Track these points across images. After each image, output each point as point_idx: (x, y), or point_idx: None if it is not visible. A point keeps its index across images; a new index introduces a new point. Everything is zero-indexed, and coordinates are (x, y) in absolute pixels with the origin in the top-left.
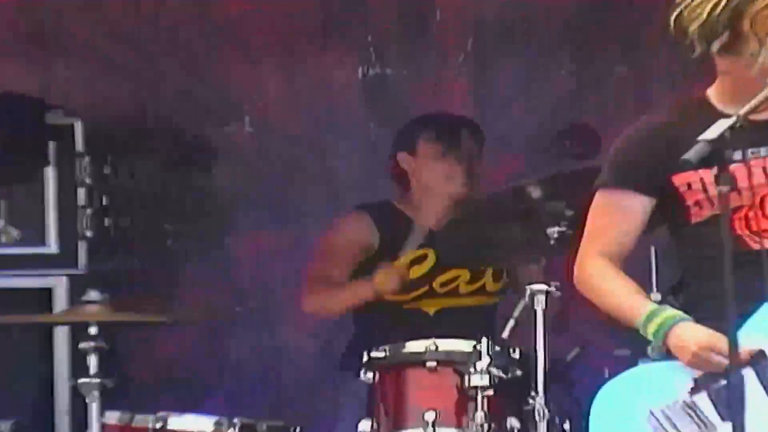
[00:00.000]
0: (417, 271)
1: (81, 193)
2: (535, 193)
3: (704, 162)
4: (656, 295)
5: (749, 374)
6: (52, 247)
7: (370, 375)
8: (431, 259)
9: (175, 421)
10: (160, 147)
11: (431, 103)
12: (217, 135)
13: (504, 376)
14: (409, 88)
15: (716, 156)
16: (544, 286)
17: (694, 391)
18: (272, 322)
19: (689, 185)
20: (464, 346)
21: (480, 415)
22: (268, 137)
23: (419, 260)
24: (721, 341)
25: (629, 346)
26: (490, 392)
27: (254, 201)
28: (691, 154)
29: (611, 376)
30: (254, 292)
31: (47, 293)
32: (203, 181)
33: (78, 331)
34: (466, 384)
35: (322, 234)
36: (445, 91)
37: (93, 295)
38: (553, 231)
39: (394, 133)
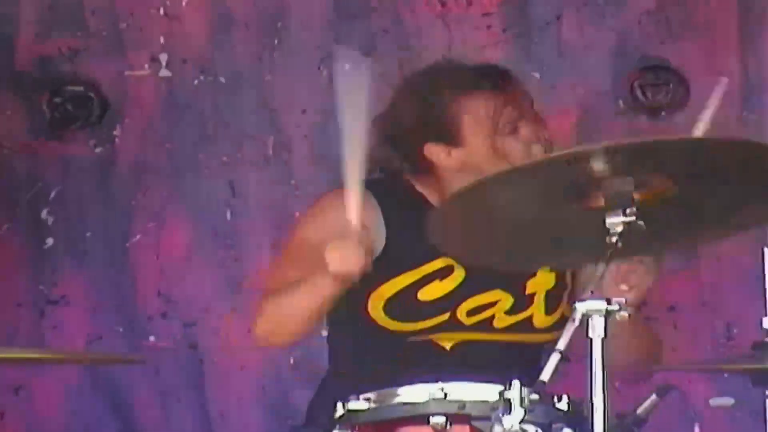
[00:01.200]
0: (435, 291)
1: None
2: (598, 165)
3: None
4: None
5: None
6: None
7: None
8: (458, 274)
9: None
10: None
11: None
12: (117, 81)
13: None
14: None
15: None
16: (602, 304)
17: None
18: (198, 358)
19: None
20: (486, 392)
21: None
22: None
23: (441, 274)
24: None
25: (732, 393)
26: None
27: (174, 178)
28: None
29: None
30: (170, 317)
31: None
32: (97, 149)
33: None
34: None
35: (291, 227)
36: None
37: None
38: (616, 222)
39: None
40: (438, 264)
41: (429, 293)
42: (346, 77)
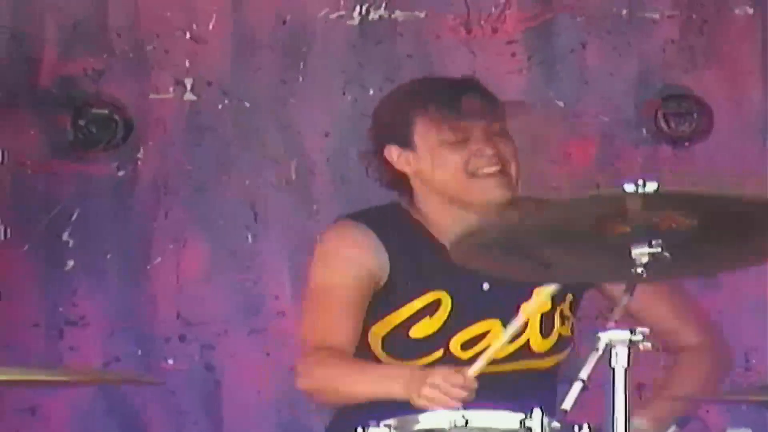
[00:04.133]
0: (426, 328)
1: None
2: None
3: None
4: None
5: None
6: None
7: None
8: (446, 305)
9: None
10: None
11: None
12: (141, 103)
13: None
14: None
15: None
16: (626, 334)
17: None
18: (214, 381)
19: None
20: (507, 420)
21: None
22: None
23: (430, 310)
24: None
25: (749, 423)
26: None
27: (195, 201)
28: None
29: None
30: (188, 339)
31: None
32: (120, 172)
33: None
34: None
35: (310, 265)
36: (481, 40)
37: None
38: (642, 252)
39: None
40: (429, 298)
41: (420, 331)
42: None
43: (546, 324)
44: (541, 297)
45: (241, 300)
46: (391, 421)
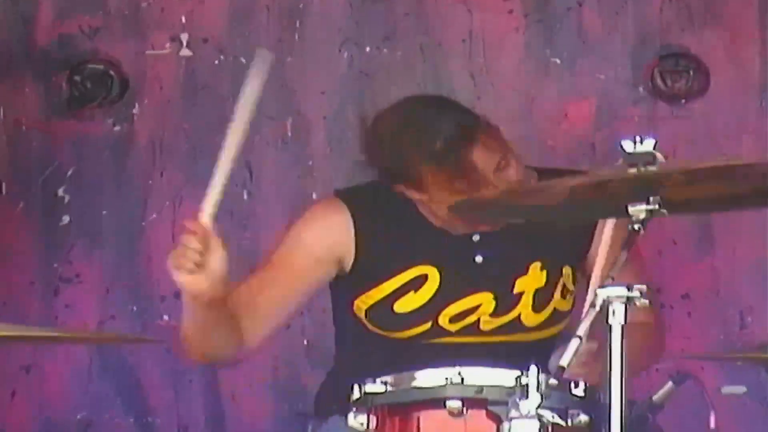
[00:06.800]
0: (410, 303)
1: None
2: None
3: None
4: None
5: None
6: None
7: (362, 419)
8: (433, 280)
9: None
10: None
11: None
12: (137, 60)
13: (562, 422)
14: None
15: None
16: (623, 290)
17: None
18: None
19: None
20: (503, 377)
21: None
22: (212, 63)
23: (415, 285)
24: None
25: (744, 381)
26: None
27: (191, 158)
28: None
29: (719, 423)
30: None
31: None
32: (115, 128)
33: None
34: None
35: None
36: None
37: None
38: (639, 210)
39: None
40: (412, 273)
41: (404, 305)
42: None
43: (540, 299)
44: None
45: (238, 257)
46: (388, 378)
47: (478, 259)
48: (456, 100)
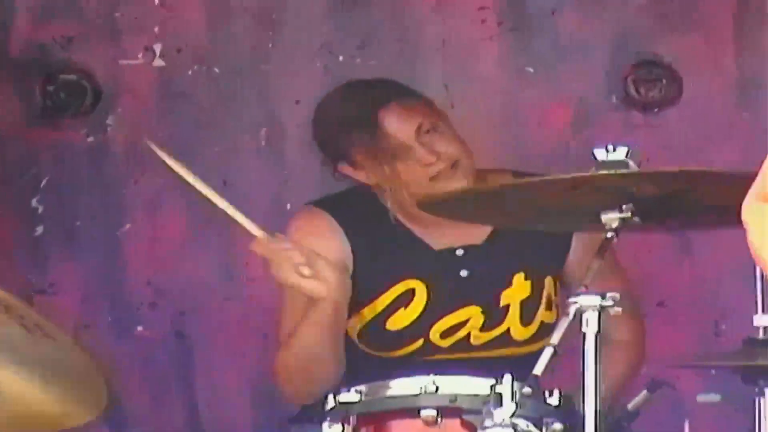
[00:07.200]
0: (402, 319)
1: None
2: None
3: None
4: (763, 318)
5: None
6: None
7: (337, 428)
8: (421, 295)
9: None
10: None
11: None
12: (111, 70)
13: (536, 431)
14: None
15: None
16: (596, 299)
17: None
18: (188, 348)
19: None
20: (478, 386)
21: None
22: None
23: (404, 301)
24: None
25: (720, 389)
26: None
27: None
28: None
29: (693, 430)
30: (160, 306)
31: None
32: (89, 138)
33: None
34: None
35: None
36: (452, 6)
37: None
38: (612, 218)
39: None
40: (401, 288)
41: (396, 323)
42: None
43: (527, 311)
44: None
45: (215, 266)
46: (362, 387)
47: (463, 273)
48: (400, 82)
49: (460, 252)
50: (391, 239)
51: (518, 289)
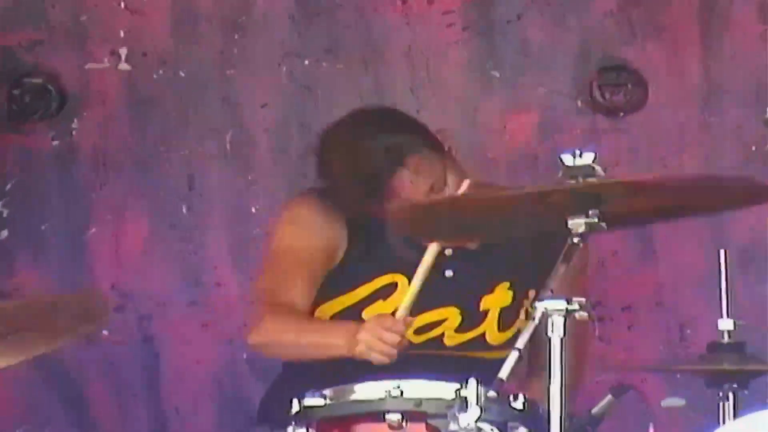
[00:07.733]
0: (379, 310)
1: None
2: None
3: None
4: (727, 323)
5: None
6: None
7: None
8: (402, 289)
9: None
10: None
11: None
12: (77, 74)
13: None
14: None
15: None
16: (562, 303)
17: None
18: (153, 352)
19: None
20: (443, 390)
21: None
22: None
23: (384, 293)
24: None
25: (684, 394)
26: None
27: (132, 172)
28: None
29: None
30: (126, 310)
31: None
32: (54, 142)
33: None
34: None
35: (269, 230)
36: (417, 11)
37: None
38: (579, 223)
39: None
40: (383, 281)
41: (372, 313)
42: None
43: (506, 318)
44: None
45: (179, 270)
46: (327, 391)
47: (448, 273)
48: (403, 112)
49: (448, 252)
50: (381, 234)
51: (500, 296)
